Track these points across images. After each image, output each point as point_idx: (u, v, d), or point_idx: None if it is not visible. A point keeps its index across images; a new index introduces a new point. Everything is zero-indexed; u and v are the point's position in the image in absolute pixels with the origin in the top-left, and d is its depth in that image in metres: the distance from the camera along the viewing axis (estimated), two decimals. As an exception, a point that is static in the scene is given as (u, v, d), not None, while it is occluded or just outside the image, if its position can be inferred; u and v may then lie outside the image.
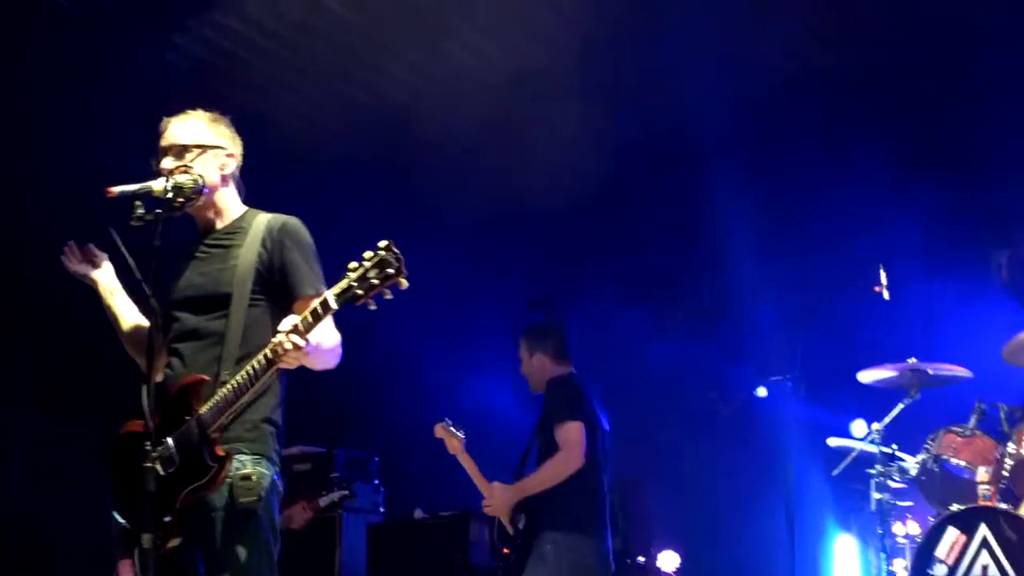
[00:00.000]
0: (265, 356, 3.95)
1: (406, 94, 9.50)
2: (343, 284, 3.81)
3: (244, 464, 4.13)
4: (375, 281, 3.75)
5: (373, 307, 3.81)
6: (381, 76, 9.37)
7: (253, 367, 3.98)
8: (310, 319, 3.87)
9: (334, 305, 3.83)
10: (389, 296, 3.80)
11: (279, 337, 3.88)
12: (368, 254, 3.78)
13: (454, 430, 6.94)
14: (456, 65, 9.04)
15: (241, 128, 4.64)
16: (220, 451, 4.06)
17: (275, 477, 4.24)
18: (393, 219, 9.87)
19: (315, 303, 3.87)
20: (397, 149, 10.36)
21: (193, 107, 4.53)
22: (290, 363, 3.97)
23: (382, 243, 3.79)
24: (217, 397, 4.05)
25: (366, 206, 10.10)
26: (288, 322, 3.89)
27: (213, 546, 4.10)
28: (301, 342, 3.86)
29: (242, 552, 4.08)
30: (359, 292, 3.77)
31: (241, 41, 8.69)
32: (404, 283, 3.78)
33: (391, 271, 3.75)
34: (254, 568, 4.09)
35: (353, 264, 3.80)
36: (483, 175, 10.49)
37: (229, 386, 4.03)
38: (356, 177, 10.41)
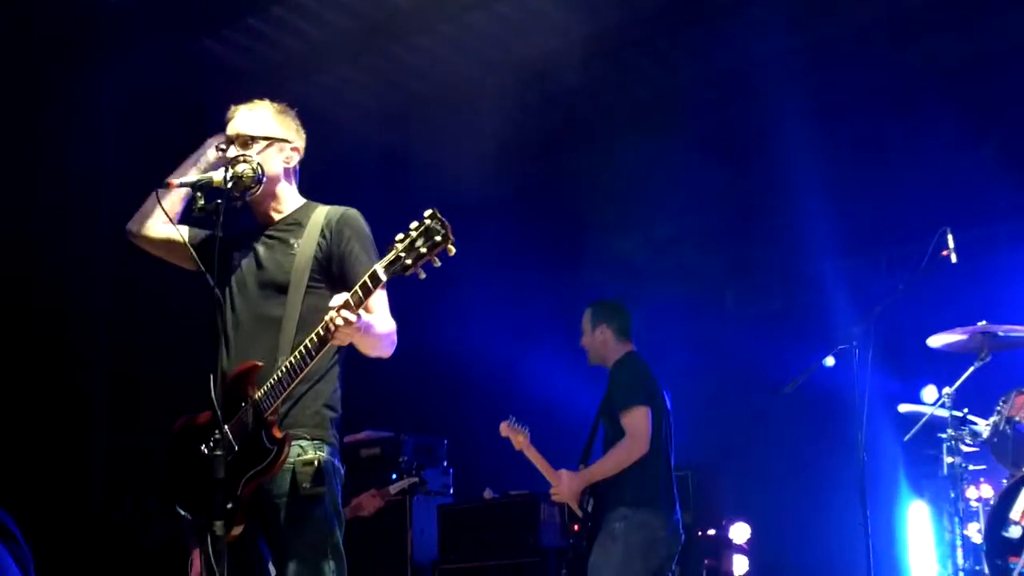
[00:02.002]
0: (318, 334, 3.97)
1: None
2: (391, 255, 3.80)
3: (306, 449, 4.16)
4: (423, 250, 3.74)
5: (423, 276, 3.79)
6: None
7: (306, 346, 4.00)
8: (360, 293, 3.87)
9: (383, 276, 3.83)
10: (438, 264, 3.78)
11: (330, 314, 3.88)
12: (414, 224, 3.78)
13: (518, 427, 6.95)
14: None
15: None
16: (278, 433, 4.08)
17: (336, 461, 4.27)
18: (458, 204, 9.92)
19: (364, 276, 3.88)
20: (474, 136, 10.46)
21: (260, 97, 4.56)
22: (342, 340, 3.98)
23: (427, 211, 3.78)
24: (272, 380, 4.08)
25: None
26: (339, 298, 3.89)
27: (278, 532, 4.14)
28: (352, 317, 3.86)
29: (307, 538, 4.11)
30: (407, 262, 3.76)
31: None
32: (452, 249, 3.76)
33: (438, 238, 3.74)
34: (319, 552, 4.12)
35: (400, 235, 3.79)
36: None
37: (283, 367, 4.05)
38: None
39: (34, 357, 8.21)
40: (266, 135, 4.42)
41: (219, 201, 4.08)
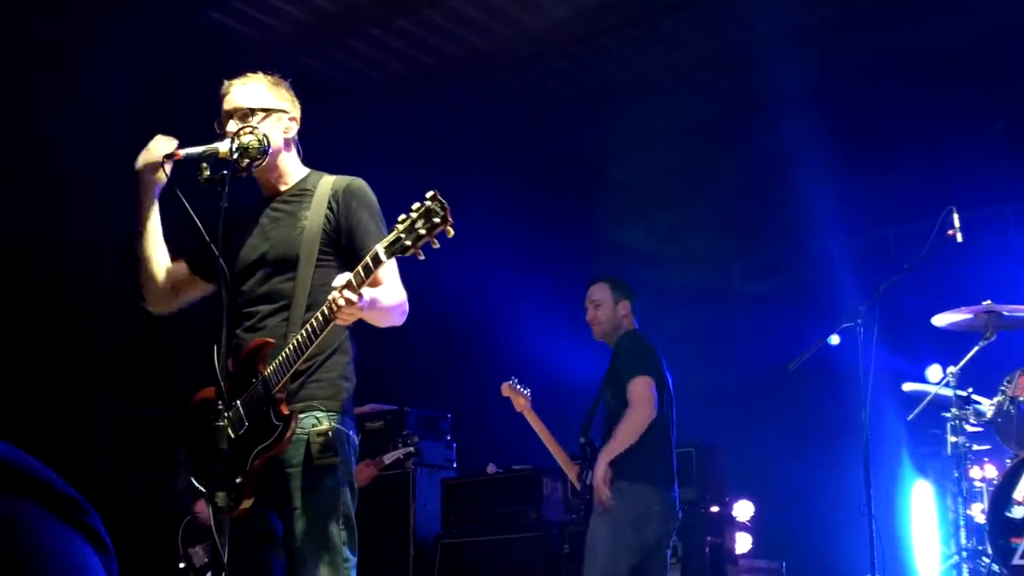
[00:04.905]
0: (322, 313, 3.98)
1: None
2: (392, 236, 3.81)
3: (321, 420, 4.18)
4: (422, 231, 3.75)
5: (422, 257, 3.81)
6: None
7: (312, 325, 4.01)
8: (362, 273, 3.87)
9: (384, 258, 3.83)
10: (437, 245, 3.79)
11: (333, 294, 3.89)
12: (415, 205, 3.78)
13: (520, 388, 6.97)
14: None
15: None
16: (285, 410, 4.10)
17: (351, 432, 4.30)
18: (463, 177, 9.93)
19: (367, 257, 3.88)
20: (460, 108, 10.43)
21: (243, 71, 4.54)
22: (345, 319, 3.98)
23: (428, 193, 3.78)
24: (280, 357, 4.09)
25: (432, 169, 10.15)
26: (341, 278, 3.89)
27: (290, 503, 4.16)
28: (353, 297, 3.86)
29: (320, 507, 4.14)
30: (407, 243, 3.77)
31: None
32: (451, 231, 3.77)
33: (437, 220, 3.74)
34: (331, 522, 4.15)
35: (402, 216, 3.80)
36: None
37: (290, 345, 4.07)
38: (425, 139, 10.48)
39: (37, 325, 8.21)
40: (263, 107, 4.40)
41: (225, 172, 4.07)
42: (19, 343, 8.04)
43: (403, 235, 3.78)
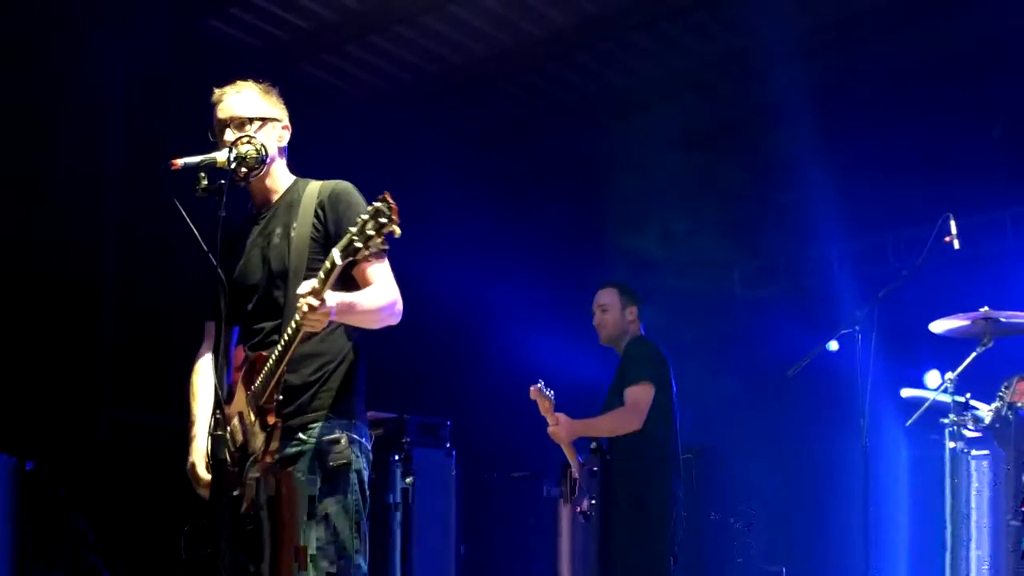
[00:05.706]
0: (295, 321, 3.98)
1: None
2: (345, 240, 3.82)
3: (332, 428, 4.21)
4: (371, 232, 3.76)
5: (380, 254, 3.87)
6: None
7: (287, 333, 4.03)
8: (322, 277, 3.87)
9: (339, 261, 3.83)
10: (386, 247, 3.81)
11: (300, 301, 3.89)
12: (368, 207, 3.81)
13: (547, 392, 7.00)
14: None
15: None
16: (271, 420, 4.11)
17: (364, 440, 4.32)
18: (463, 183, 9.96)
19: (325, 262, 3.88)
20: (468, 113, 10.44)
21: (244, 78, 4.54)
22: (313, 325, 3.96)
23: (380, 196, 3.80)
24: (266, 369, 4.11)
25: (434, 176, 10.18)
26: (305, 285, 3.90)
27: (303, 509, 4.16)
28: (315, 302, 3.85)
29: (332, 514, 4.15)
30: (358, 245, 3.78)
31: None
32: (397, 231, 3.77)
33: (383, 220, 3.75)
34: (343, 529, 4.15)
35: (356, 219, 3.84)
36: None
37: (271, 357, 4.09)
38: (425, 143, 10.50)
39: (38, 327, 8.22)
40: (259, 115, 4.41)
41: (222, 182, 4.09)
42: (19, 345, 8.05)
43: (355, 237, 3.79)
